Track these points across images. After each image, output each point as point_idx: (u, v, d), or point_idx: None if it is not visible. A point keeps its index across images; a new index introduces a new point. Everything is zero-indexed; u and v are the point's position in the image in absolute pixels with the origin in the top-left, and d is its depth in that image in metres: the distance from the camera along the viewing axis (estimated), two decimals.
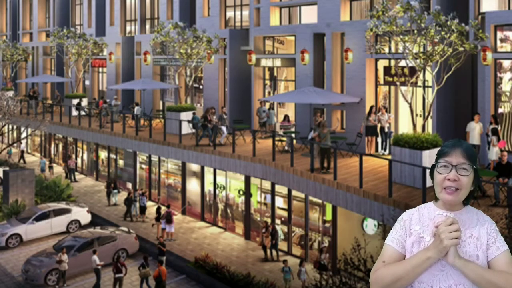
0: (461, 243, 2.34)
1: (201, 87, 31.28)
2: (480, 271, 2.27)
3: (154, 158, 28.07)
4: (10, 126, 38.65)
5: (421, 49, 17.76)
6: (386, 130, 20.60)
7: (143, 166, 29.22)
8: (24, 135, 37.13)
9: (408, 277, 2.29)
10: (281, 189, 21.60)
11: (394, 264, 2.35)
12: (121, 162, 30.88)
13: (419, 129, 17.74)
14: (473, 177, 2.42)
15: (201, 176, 25.35)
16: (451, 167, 2.40)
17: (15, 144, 38.70)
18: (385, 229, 15.09)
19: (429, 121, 19.24)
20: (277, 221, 21.94)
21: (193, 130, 25.30)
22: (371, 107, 20.90)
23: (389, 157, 17.55)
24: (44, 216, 24.12)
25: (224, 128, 24.06)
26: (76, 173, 33.04)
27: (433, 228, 2.40)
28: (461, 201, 2.44)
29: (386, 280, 2.30)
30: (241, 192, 23.49)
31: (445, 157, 2.43)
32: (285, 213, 21.80)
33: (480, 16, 18.95)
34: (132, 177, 29.56)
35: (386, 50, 20.97)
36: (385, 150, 20.62)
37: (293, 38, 25.74)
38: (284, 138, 22.23)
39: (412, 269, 2.29)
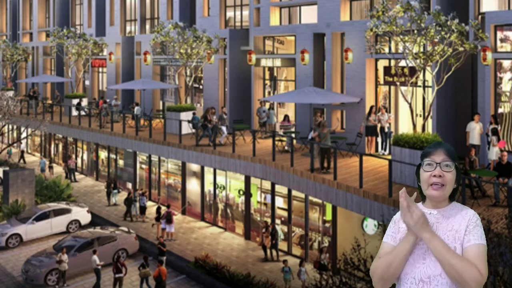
0: (442, 236, 2.49)
1: (201, 87, 31.27)
2: (442, 251, 2.37)
3: (154, 158, 28.07)
4: (10, 126, 38.64)
5: (421, 49, 17.75)
6: (386, 130, 20.59)
7: (143, 166, 29.21)
8: (24, 135, 37.10)
9: (397, 260, 2.46)
10: (281, 189, 21.60)
11: (385, 254, 2.55)
12: (121, 162, 30.87)
13: (419, 129, 17.75)
14: (455, 174, 2.59)
15: (201, 176, 25.35)
16: (436, 165, 2.57)
17: (15, 144, 38.68)
18: (385, 229, 15.07)
19: (429, 121, 19.24)
20: (277, 221, 21.94)
21: (193, 130, 25.29)
22: (371, 107, 20.89)
23: (389, 157, 17.54)
24: (44, 216, 24.11)
25: (224, 128, 24.05)
26: (76, 173, 33.03)
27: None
28: (447, 198, 2.60)
29: (380, 269, 2.48)
30: (241, 192, 23.49)
31: (429, 156, 2.61)
32: (285, 213, 21.80)
33: (480, 16, 18.94)
34: (132, 177, 29.56)
35: (386, 50, 20.96)
36: (385, 150, 20.62)
37: (293, 38, 25.73)
38: (284, 138, 22.23)
39: (398, 252, 2.47)
